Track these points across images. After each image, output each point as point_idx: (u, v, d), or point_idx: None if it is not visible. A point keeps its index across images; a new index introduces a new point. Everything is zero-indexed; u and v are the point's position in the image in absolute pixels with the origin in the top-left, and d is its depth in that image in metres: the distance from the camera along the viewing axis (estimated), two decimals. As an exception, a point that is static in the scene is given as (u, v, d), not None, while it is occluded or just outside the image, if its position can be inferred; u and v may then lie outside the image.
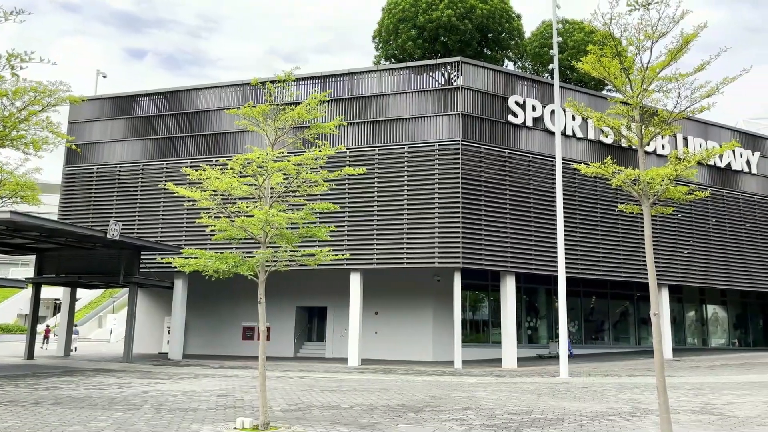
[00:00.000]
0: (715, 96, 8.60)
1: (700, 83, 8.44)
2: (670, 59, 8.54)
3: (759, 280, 31.03)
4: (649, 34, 8.30)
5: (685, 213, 28.55)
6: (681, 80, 8.44)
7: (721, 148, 8.78)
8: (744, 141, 31.92)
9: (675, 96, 8.61)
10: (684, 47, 8.41)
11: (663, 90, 8.80)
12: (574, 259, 24.15)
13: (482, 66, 24.81)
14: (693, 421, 10.11)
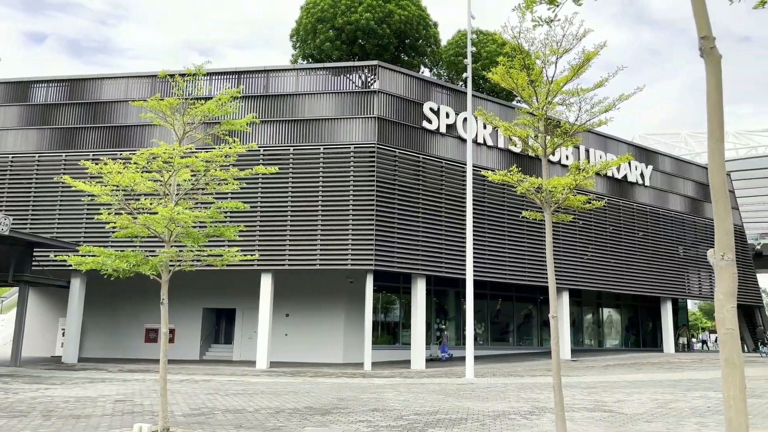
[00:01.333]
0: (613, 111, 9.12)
1: (599, 99, 8.90)
2: (573, 74, 8.96)
3: (649, 286, 33.29)
4: (554, 49, 8.68)
5: (586, 221, 30.16)
6: (582, 95, 8.87)
7: (616, 161, 9.33)
8: (639, 155, 34.18)
9: (576, 109, 9.04)
10: (585, 64, 8.84)
11: (566, 103, 9.22)
12: (482, 263, 24.91)
13: (399, 71, 25.13)
14: (586, 418, 10.66)
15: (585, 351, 34.43)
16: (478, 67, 29.81)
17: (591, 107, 8.98)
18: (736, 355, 4.17)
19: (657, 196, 34.65)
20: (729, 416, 4.04)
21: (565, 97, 9.21)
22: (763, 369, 24.11)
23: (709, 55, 4.33)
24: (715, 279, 4.48)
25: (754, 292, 42.05)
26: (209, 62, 10.22)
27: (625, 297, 37.32)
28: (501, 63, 9.22)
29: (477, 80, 30.71)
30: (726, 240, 4.37)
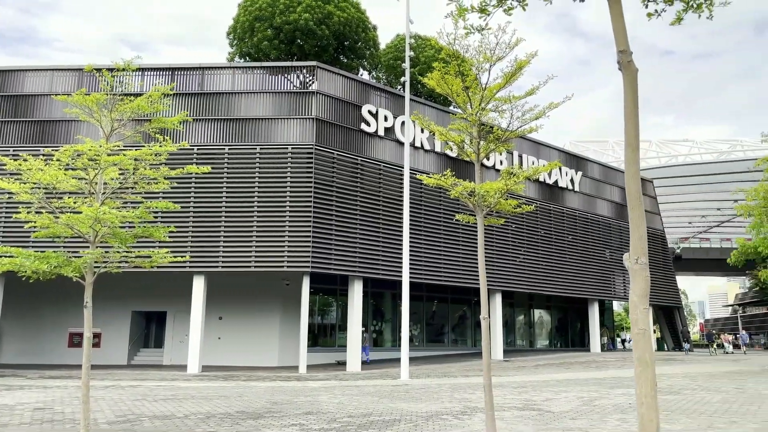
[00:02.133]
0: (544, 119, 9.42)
1: (530, 106, 9.17)
2: (506, 82, 9.20)
3: (578, 288, 34.53)
4: (488, 57, 8.88)
5: (519, 225, 30.98)
6: (514, 102, 9.12)
7: (545, 167, 9.63)
8: (569, 161, 35.42)
9: (509, 116, 9.28)
10: (517, 72, 9.09)
11: (498, 110, 9.44)
12: (418, 265, 25.18)
13: (338, 73, 25.10)
14: (516, 417, 10.93)
15: (517, 351, 35.34)
16: (416, 71, 30.14)
17: (522, 114, 9.24)
18: (648, 354, 4.39)
19: (586, 201, 36.00)
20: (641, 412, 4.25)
21: (498, 103, 9.44)
22: (682, 366, 25.44)
23: (626, 68, 4.55)
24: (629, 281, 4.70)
25: (674, 294, 44.32)
26: (139, 57, 9.93)
27: (556, 298, 38.56)
28: (437, 69, 9.37)
29: (415, 84, 31.05)
30: (640, 244, 4.59)
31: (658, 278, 41.91)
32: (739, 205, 31.72)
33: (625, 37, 4.48)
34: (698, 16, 4.75)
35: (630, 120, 4.57)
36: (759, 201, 29.11)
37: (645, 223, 4.75)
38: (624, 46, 4.49)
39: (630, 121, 4.57)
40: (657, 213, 43.51)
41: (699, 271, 73.00)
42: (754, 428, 9.56)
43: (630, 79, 4.55)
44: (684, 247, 64.09)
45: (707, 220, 59.66)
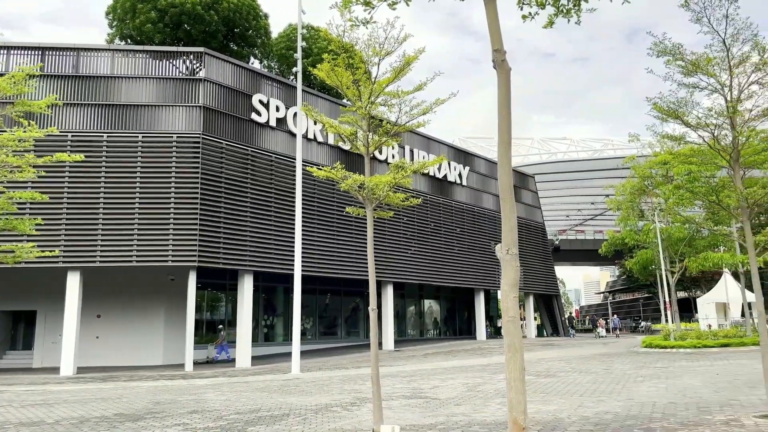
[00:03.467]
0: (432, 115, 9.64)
1: (417, 101, 9.34)
2: (395, 77, 9.30)
3: (466, 278, 35.86)
4: (377, 51, 8.94)
5: (410, 218, 31.64)
6: (402, 97, 9.24)
7: (432, 161, 9.87)
8: (458, 157, 36.62)
9: (397, 110, 9.41)
10: (406, 67, 9.22)
11: (388, 104, 9.54)
12: (311, 258, 25.03)
13: (227, 60, 24.32)
14: (403, 406, 11.17)
15: (408, 341, 36.18)
16: (308, 62, 29.88)
17: (411, 109, 9.40)
18: (517, 340, 4.63)
19: (473, 195, 37.43)
20: (510, 396, 4.48)
21: (387, 98, 9.54)
22: (559, 350, 27.17)
23: (500, 66, 4.75)
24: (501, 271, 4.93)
25: (553, 283, 47.22)
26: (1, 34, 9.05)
27: (445, 289, 39.86)
28: (326, 60, 9.30)
29: (309, 76, 30.76)
30: (511, 236, 4.82)
31: (539, 268, 44.48)
32: (610, 200, 34.35)
33: (499, 36, 4.67)
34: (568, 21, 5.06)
35: (503, 117, 4.77)
36: (626, 196, 31.65)
37: (515, 216, 4.99)
38: (498, 45, 4.68)
39: (503, 119, 4.77)
40: (538, 207, 46.08)
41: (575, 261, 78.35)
42: (618, 405, 10.37)
43: (503, 77, 4.75)
44: (562, 239, 68.46)
45: (582, 214, 64.05)
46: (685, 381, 13.72)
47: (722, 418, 8.85)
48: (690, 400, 10.71)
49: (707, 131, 9.99)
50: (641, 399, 11.07)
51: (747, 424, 8.26)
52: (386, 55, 9.03)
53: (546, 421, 8.98)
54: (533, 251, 43.83)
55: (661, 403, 10.55)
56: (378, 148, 9.66)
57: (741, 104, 9.59)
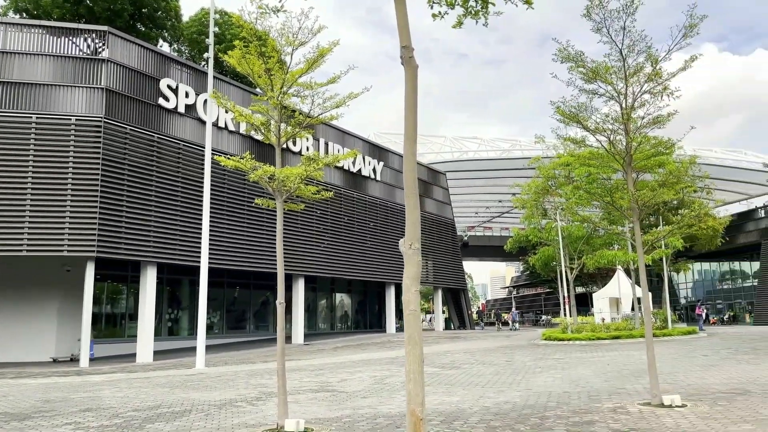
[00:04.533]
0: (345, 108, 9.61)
1: (331, 94, 9.30)
2: (308, 68, 9.21)
3: (377, 272, 36.17)
4: (290, 40, 8.81)
5: (323, 211, 31.50)
6: (315, 89, 9.17)
7: (344, 155, 9.87)
8: (372, 152, 36.83)
9: (310, 102, 9.32)
10: (320, 59, 9.15)
11: (300, 95, 9.44)
12: (219, 251, 24.38)
13: (133, 41, 23.17)
14: (310, 399, 11.13)
15: (318, 334, 36.06)
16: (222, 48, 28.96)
17: (323, 101, 9.34)
18: (417, 333, 4.72)
19: (386, 190, 37.78)
20: (409, 388, 4.57)
21: (300, 89, 9.43)
22: (464, 343, 27.99)
23: (408, 63, 4.82)
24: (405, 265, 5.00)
25: (461, 278, 48.57)
26: None
27: (357, 283, 40.02)
28: (237, 47, 9.07)
29: (222, 63, 29.83)
30: (414, 231, 4.90)
31: (448, 263, 45.60)
32: (516, 199, 35.71)
33: (407, 33, 4.73)
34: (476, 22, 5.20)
35: (409, 113, 4.84)
36: (531, 195, 33.02)
37: (419, 211, 5.08)
38: (406, 42, 4.74)
39: (409, 114, 4.84)
40: (448, 203, 47.19)
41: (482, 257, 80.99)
42: (518, 395, 10.83)
43: (411, 74, 4.82)
44: (471, 235, 70.54)
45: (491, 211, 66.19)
46: (579, 371, 14.53)
47: (610, 405, 9.44)
48: (582, 389, 11.35)
49: (604, 136, 10.59)
50: (539, 389, 11.62)
51: (632, 411, 8.85)
52: (300, 46, 8.92)
53: (449, 412, 9.22)
54: (443, 247, 44.87)
55: (556, 392, 11.11)
56: (290, 139, 9.53)
57: (634, 112, 10.23)
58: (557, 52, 10.20)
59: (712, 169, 41.20)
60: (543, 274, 48.42)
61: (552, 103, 10.66)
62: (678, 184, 12.75)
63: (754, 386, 10.96)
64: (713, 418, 8.06)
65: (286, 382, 8.61)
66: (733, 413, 8.33)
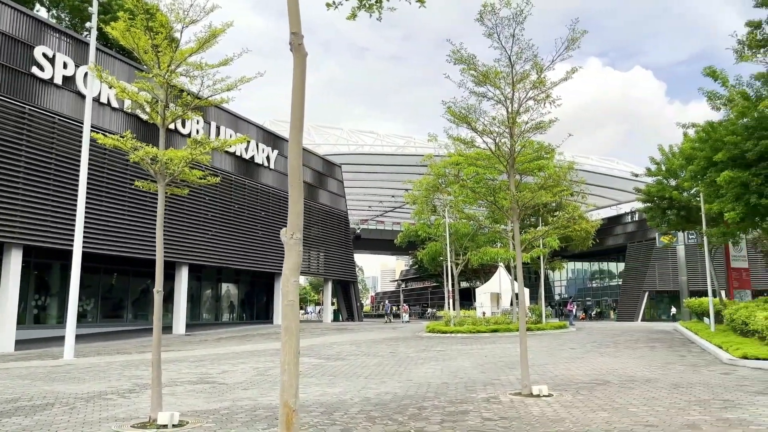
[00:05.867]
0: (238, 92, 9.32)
1: (222, 77, 8.99)
2: (199, 47, 8.85)
3: (267, 262, 35.56)
4: (180, 17, 8.42)
5: (213, 197, 30.47)
6: (206, 70, 8.82)
7: (234, 140, 9.59)
8: (267, 139, 36.11)
9: (199, 83, 8.96)
10: (212, 39, 8.82)
11: (189, 75, 9.05)
12: (95, 234, 22.92)
13: (4, 2, 21.14)
14: (188, 391, 10.74)
15: (203, 325, 34.90)
16: (107, 18, 27.18)
17: (214, 83, 9.02)
18: (294, 324, 4.70)
19: (280, 179, 37.19)
20: (283, 379, 4.53)
21: (190, 69, 9.04)
22: (351, 334, 28.21)
23: (297, 50, 4.75)
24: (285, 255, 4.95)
25: (352, 270, 48.91)
26: None
27: (245, 273, 39.11)
28: (122, 19, 8.54)
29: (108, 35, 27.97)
30: (297, 221, 4.86)
31: (339, 255, 45.76)
32: (408, 194, 36.47)
33: (297, 19, 4.66)
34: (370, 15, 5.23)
35: (296, 101, 4.78)
36: (422, 192, 33.85)
37: (302, 201, 5.04)
38: (296, 28, 4.67)
39: (296, 102, 4.78)
40: (342, 196, 47.31)
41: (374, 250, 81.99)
42: (399, 386, 11.07)
43: (300, 61, 4.76)
44: (363, 228, 71.21)
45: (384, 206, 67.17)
46: (459, 363, 15.10)
47: (484, 395, 9.89)
48: (460, 380, 11.81)
49: (491, 138, 11.04)
50: (419, 380, 11.95)
51: (503, 401, 9.33)
52: (191, 24, 8.56)
53: (330, 403, 9.26)
54: (335, 239, 44.95)
55: (435, 383, 11.47)
56: (176, 120, 9.11)
57: (519, 116, 10.75)
58: (451, 53, 10.50)
59: (587, 176, 44.27)
60: (430, 268, 49.88)
61: (444, 103, 10.96)
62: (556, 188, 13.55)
63: (612, 377, 11.92)
64: (575, 406, 8.67)
65: (161, 374, 8.26)
66: (593, 402, 9.01)
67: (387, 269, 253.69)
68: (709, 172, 18.32)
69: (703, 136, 18.71)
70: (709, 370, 12.99)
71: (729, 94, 17.14)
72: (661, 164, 27.13)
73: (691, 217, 25.27)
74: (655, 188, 26.67)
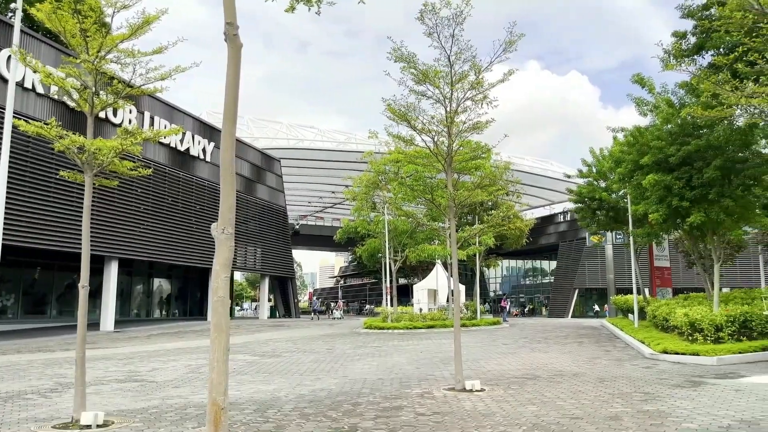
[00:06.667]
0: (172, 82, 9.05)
1: (156, 65, 8.69)
2: (131, 34, 8.53)
3: (202, 257, 34.73)
4: (111, 1, 8.10)
5: (145, 190, 29.49)
6: (138, 57, 8.52)
7: (168, 131, 9.30)
8: (203, 131, 35.24)
9: (131, 71, 8.64)
10: (145, 26, 8.51)
11: (121, 63, 8.72)
12: (17, 226, 21.77)
13: None
14: (115, 390, 10.37)
15: (133, 321, 33.78)
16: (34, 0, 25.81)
17: (146, 72, 8.71)
18: (224, 321, 4.61)
19: (216, 172, 36.33)
20: (212, 377, 4.44)
21: (121, 56, 8.71)
22: (288, 331, 27.94)
23: (232, 41, 4.65)
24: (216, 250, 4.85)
25: (289, 266, 48.43)
26: None
27: (178, 267, 38.09)
28: (48, 1, 8.13)
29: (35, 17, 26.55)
30: (228, 215, 4.77)
31: (277, 251, 45.23)
32: (347, 191, 36.40)
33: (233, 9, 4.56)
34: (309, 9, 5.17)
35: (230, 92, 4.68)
36: (362, 188, 33.87)
37: (235, 194, 4.95)
38: (231, 18, 4.57)
39: (230, 94, 4.68)
40: (281, 191, 46.76)
41: (313, 246, 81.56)
42: (334, 383, 11.05)
43: (234, 52, 4.66)
44: (302, 224, 70.65)
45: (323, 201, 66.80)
46: (395, 359, 15.22)
47: (419, 391, 10.00)
48: (395, 376, 11.89)
49: (429, 136, 11.15)
50: (355, 376, 11.96)
51: (437, 396, 9.46)
52: (122, 9, 8.24)
53: (263, 400, 9.14)
54: (273, 234, 44.38)
55: (371, 379, 11.52)
56: (106, 108, 8.76)
57: (457, 116, 10.90)
58: (392, 51, 10.53)
59: (523, 176, 45.43)
60: (369, 265, 49.98)
61: (383, 100, 10.99)
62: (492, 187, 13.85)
63: (542, 371, 12.29)
64: (506, 401, 8.89)
65: (85, 372, 7.95)
66: (523, 396, 9.26)
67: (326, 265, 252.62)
68: (635, 174, 19.14)
69: (631, 140, 19.51)
70: (632, 364, 13.59)
71: (655, 101, 17.95)
72: (592, 166, 28.14)
73: (619, 218, 26.35)
74: (586, 189, 27.65)
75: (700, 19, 14.79)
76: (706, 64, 14.97)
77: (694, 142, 16.26)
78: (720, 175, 16.12)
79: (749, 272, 46.86)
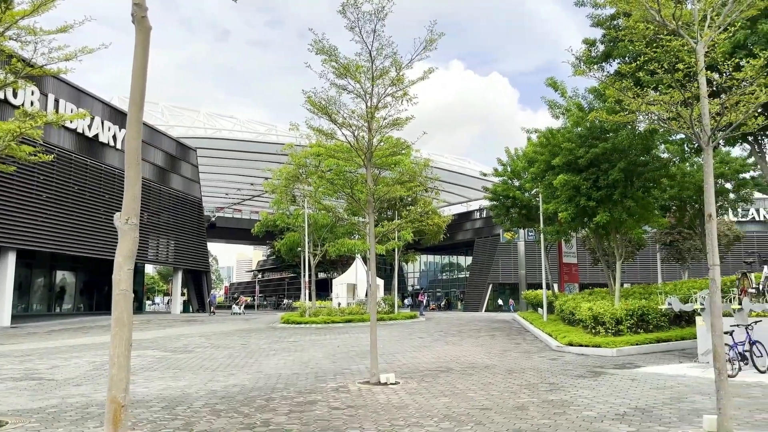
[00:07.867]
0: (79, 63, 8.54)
1: (60, 44, 8.20)
2: (33, 10, 8.01)
3: (110, 249, 33.10)
4: (11, -27, 7.55)
5: (48, 177, 27.78)
6: (40, 35, 8.00)
7: (72, 116, 8.80)
8: (114, 117, 33.58)
9: (32, 50, 8.10)
10: (49, 2, 8.02)
11: (21, 40, 8.16)
12: None
13: None
14: (10, 389, 9.73)
15: (34, 316, 31.77)
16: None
17: (50, 51, 8.20)
18: (126, 315, 4.42)
19: (128, 161, 34.75)
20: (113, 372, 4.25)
21: (21, 33, 8.16)
22: (201, 326, 27.18)
23: (140, 23, 4.45)
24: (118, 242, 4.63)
25: (204, 260, 47.09)
26: None
27: (84, 260, 36.16)
28: (-63, -33, 7.48)
29: None
30: (133, 205, 4.58)
31: (191, 243, 43.85)
32: (267, 183, 35.82)
33: (141, -10, 4.35)
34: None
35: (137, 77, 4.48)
36: (282, 181, 33.44)
37: (140, 184, 4.77)
38: (139, 0, 4.36)
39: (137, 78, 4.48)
40: (197, 181, 45.36)
41: (230, 239, 79.62)
42: (248, 378, 10.85)
43: (142, 35, 4.45)
44: (219, 216, 68.83)
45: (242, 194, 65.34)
46: (311, 353, 15.14)
47: (334, 385, 10.00)
48: (311, 371, 11.84)
49: (350, 131, 11.14)
50: (270, 371, 11.80)
51: (352, 390, 9.50)
52: (24, -17, 7.69)
53: (173, 397, 8.85)
54: (187, 226, 42.99)
55: (286, 374, 11.40)
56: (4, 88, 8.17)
57: (378, 112, 10.94)
58: (313, 42, 10.43)
59: (442, 173, 46.33)
60: (288, 258, 49.45)
61: (304, 92, 10.87)
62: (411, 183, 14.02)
63: (455, 364, 12.61)
64: (419, 393, 9.05)
65: (-26, 372, 7.37)
66: (436, 388, 9.46)
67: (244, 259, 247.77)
68: (547, 174, 19.97)
69: (544, 141, 20.34)
70: (539, 356, 14.19)
71: (566, 104, 18.79)
72: (507, 166, 29.11)
73: (531, 216, 27.41)
74: (501, 188, 28.56)
75: (608, 29, 15.59)
76: (613, 71, 15.79)
77: (601, 145, 17.14)
78: (623, 177, 17.10)
79: (648, 269, 50.02)
